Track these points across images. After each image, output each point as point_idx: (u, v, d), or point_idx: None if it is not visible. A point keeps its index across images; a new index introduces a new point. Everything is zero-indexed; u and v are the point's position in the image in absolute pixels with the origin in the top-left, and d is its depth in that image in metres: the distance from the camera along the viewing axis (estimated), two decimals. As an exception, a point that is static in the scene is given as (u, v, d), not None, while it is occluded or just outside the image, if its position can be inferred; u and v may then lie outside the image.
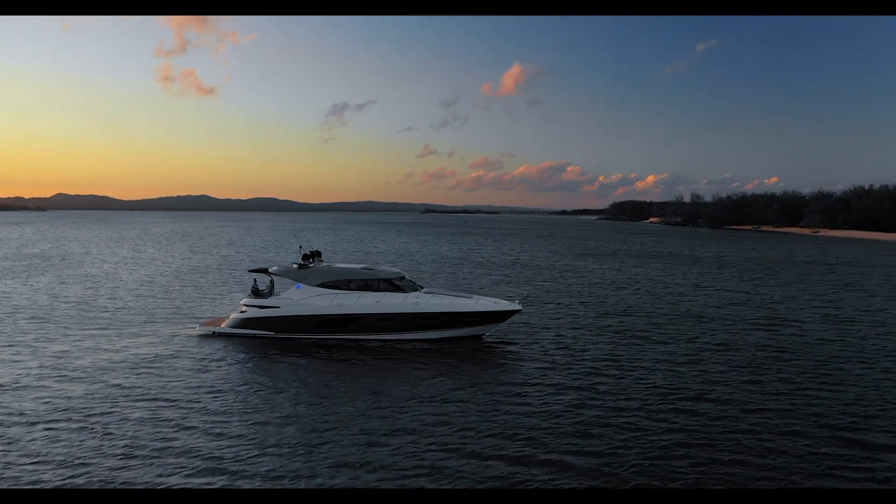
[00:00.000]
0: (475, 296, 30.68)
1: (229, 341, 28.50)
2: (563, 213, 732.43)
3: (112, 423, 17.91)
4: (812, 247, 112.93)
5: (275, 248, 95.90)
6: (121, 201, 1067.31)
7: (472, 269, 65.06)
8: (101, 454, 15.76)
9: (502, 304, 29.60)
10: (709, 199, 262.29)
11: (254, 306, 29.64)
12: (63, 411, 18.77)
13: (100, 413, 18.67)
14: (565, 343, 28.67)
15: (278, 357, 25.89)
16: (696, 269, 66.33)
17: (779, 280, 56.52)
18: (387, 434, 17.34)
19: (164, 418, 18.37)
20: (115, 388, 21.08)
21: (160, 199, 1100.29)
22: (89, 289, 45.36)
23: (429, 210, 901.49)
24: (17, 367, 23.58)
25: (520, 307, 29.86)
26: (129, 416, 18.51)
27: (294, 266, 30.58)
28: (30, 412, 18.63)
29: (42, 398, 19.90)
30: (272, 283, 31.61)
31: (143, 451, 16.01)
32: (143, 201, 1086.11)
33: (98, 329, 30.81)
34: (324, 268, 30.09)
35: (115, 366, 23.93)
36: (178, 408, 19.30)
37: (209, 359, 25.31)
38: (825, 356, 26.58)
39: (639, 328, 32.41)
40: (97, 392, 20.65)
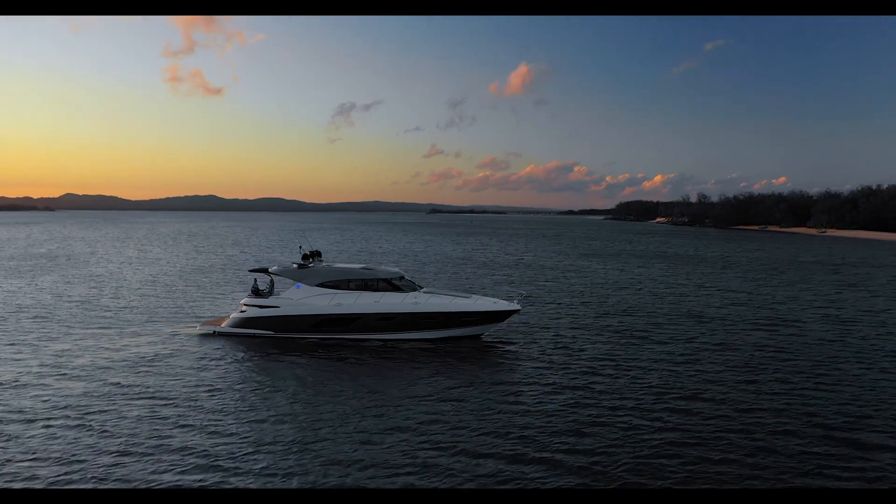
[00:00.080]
0: (474, 296, 30.78)
1: (229, 340, 28.71)
2: (570, 213, 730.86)
3: (109, 420, 18.12)
4: (818, 247, 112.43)
5: (280, 248, 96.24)
6: (128, 201, 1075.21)
7: (475, 269, 65.15)
8: (97, 451, 15.96)
9: (501, 304, 29.68)
10: (716, 199, 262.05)
11: (254, 306, 29.86)
12: (61, 409, 18.99)
13: (98, 411, 18.89)
14: (564, 343, 28.73)
15: (277, 356, 26.07)
16: (699, 270, 66.19)
17: (782, 280, 56.35)
18: (380, 432, 17.47)
19: (162, 416, 18.57)
20: (114, 387, 21.31)
21: (167, 199, 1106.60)
22: (93, 288, 45.73)
23: (435, 210, 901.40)
24: (17, 365, 23.86)
25: (518, 307, 29.93)
26: (126, 413, 18.72)
27: (294, 266, 30.78)
28: (28, 410, 18.87)
29: (41, 396, 20.15)
30: (272, 282, 31.80)
31: (139, 448, 16.21)
32: (150, 201, 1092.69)
33: (100, 328, 31.10)
34: (323, 268, 30.27)
35: (114, 364, 24.17)
36: (175, 406, 19.51)
37: (208, 358, 25.52)
38: (823, 356, 26.53)
39: (638, 328, 32.43)
40: (96, 390, 20.88)
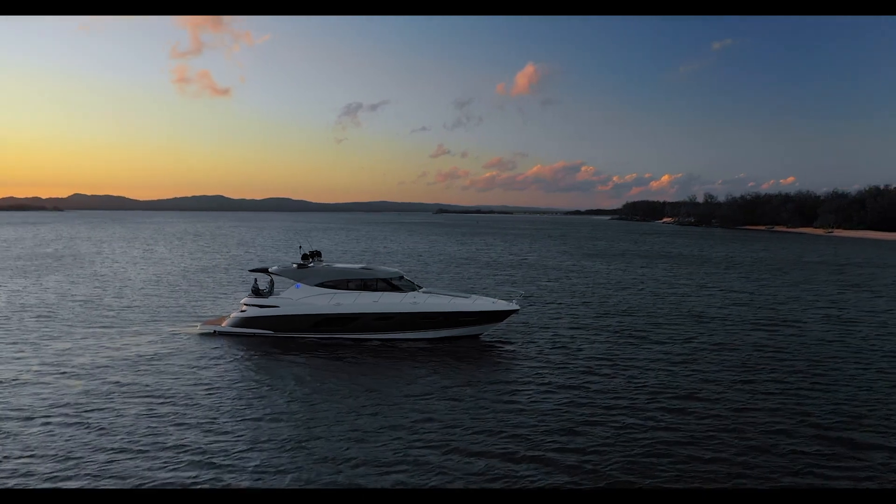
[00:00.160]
0: (473, 296, 30.88)
1: (229, 340, 28.91)
2: (577, 213, 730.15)
3: (108, 418, 18.32)
4: (824, 247, 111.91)
5: (284, 248, 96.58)
6: (136, 201, 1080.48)
7: (478, 269, 65.24)
8: (93, 449, 16.16)
9: (500, 304, 29.77)
10: (722, 199, 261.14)
11: (254, 305, 30.05)
12: (60, 407, 19.21)
13: (96, 409, 19.10)
14: (562, 343, 28.79)
15: (276, 356, 26.25)
16: (703, 270, 66.06)
17: (785, 280, 56.18)
18: (374, 431, 17.60)
19: (159, 414, 18.76)
20: (113, 385, 21.52)
21: (175, 199, 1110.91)
22: (97, 287, 46.09)
23: (442, 210, 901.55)
24: (18, 363, 24.13)
25: (517, 307, 30.00)
26: (125, 412, 18.92)
27: (293, 266, 30.96)
28: (27, 408, 19.09)
29: (40, 394, 20.38)
30: (272, 282, 31.98)
31: (136, 445, 16.39)
32: (158, 201, 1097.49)
33: (101, 327, 31.38)
34: (323, 268, 30.44)
35: (114, 363, 24.41)
36: (173, 404, 19.70)
37: (208, 357, 25.73)
38: (821, 356, 26.50)
39: (637, 328, 32.45)
40: (95, 389, 21.10)
